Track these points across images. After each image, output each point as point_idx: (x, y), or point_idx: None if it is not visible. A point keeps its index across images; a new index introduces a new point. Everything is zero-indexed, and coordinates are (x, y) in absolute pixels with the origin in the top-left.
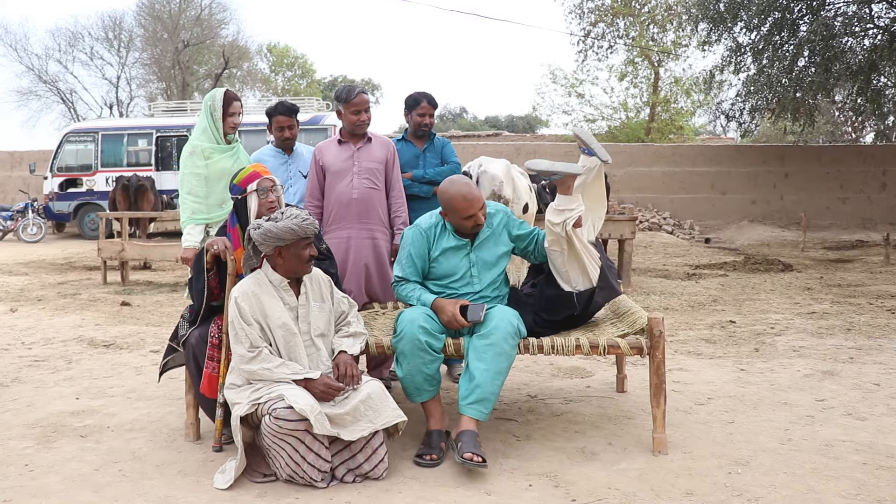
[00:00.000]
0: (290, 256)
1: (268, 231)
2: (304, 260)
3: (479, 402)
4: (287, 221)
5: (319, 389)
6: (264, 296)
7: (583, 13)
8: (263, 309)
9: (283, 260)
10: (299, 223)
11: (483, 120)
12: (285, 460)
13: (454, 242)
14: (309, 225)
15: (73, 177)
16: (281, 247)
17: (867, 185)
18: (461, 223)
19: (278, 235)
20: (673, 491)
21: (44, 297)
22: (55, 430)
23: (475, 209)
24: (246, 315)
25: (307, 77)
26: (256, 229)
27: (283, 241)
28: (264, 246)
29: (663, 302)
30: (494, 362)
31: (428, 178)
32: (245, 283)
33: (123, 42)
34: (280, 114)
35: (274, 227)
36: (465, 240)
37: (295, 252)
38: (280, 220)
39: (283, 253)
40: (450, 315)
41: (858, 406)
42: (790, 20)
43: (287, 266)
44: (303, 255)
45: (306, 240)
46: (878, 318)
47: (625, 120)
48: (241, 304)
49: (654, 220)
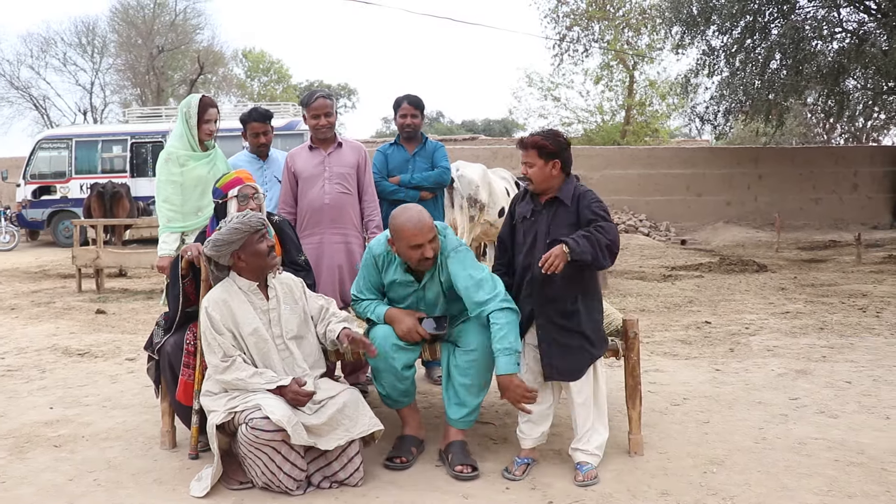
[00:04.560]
0: (249, 256)
1: (216, 241)
2: (265, 253)
3: (466, 416)
4: (230, 224)
5: (289, 396)
6: (234, 302)
7: (558, 17)
8: (234, 316)
9: (245, 262)
10: (241, 220)
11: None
12: (261, 469)
13: (401, 278)
14: (251, 218)
15: (46, 184)
16: (236, 251)
17: (839, 186)
18: (408, 252)
19: (228, 240)
20: (649, 491)
21: (17, 306)
22: (29, 441)
23: (424, 238)
24: (217, 325)
25: (283, 82)
26: (208, 246)
27: (235, 243)
28: (222, 257)
29: (639, 303)
30: (478, 377)
31: (415, 182)
32: (215, 291)
33: (97, 48)
34: (255, 120)
35: (221, 235)
36: (411, 278)
37: (252, 249)
38: (224, 226)
39: (242, 255)
40: (408, 327)
41: (831, 404)
42: (761, 23)
43: (251, 266)
44: (261, 250)
45: (257, 233)
46: (850, 317)
47: (600, 123)
48: (213, 313)
49: (630, 223)
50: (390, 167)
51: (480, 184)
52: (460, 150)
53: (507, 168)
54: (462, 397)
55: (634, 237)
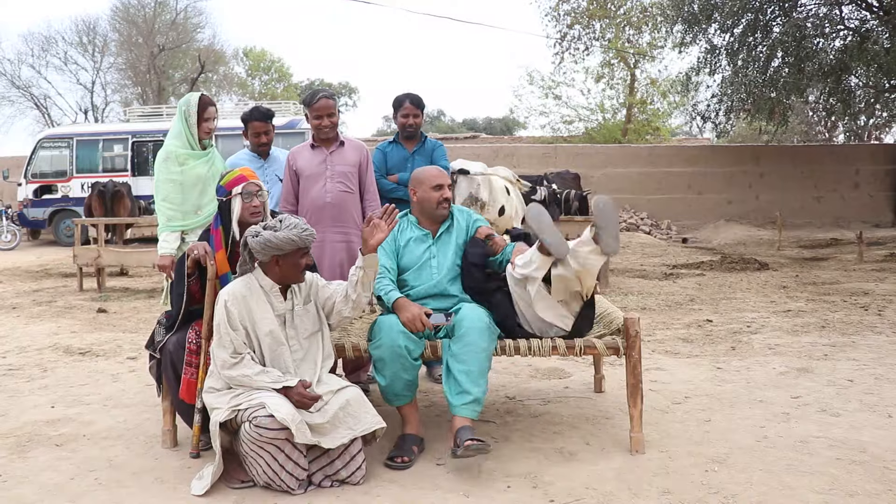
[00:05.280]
0: (287, 266)
1: (267, 241)
2: (301, 269)
3: (470, 403)
4: (287, 232)
5: (295, 398)
6: (253, 300)
7: (559, 15)
8: (252, 314)
9: (280, 269)
10: (299, 233)
11: (461, 122)
12: (263, 468)
13: (417, 233)
14: (308, 236)
15: (47, 183)
16: (278, 256)
17: (840, 184)
18: (430, 194)
19: (278, 245)
20: (650, 490)
21: (19, 305)
22: (30, 440)
23: (444, 181)
24: (234, 320)
25: (284, 81)
26: (255, 237)
27: (281, 250)
28: (262, 254)
29: (641, 302)
30: (476, 362)
31: None
32: (235, 285)
33: (98, 47)
34: (256, 120)
35: (273, 238)
36: (427, 231)
37: (292, 262)
38: (279, 230)
39: (281, 262)
40: (413, 314)
41: (832, 402)
42: (763, 21)
43: (282, 274)
44: (299, 265)
45: (304, 249)
46: (851, 316)
47: (601, 121)
48: (231, 307)
49: (631, 221)
50: (389, 165)
51: (481, 182)
52: (461, 148)
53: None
54: (463, 384)
55: (636, 235)
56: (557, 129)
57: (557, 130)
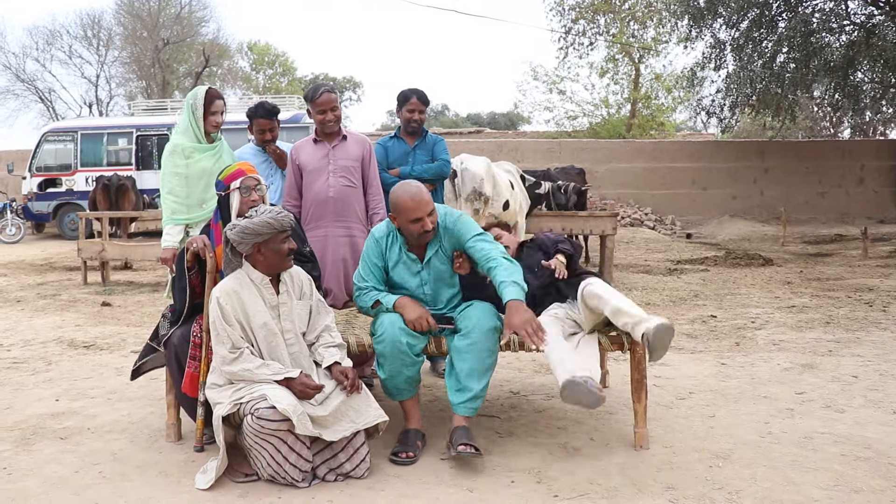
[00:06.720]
0: (269, 252)
1: (244, 228)
2: (284, 254)
3: (468, 401)
4: (262, 216)
5: (298, 389)
6: (245, 294)
7: (563, 10)
8: (245, 308)
9: (264, 256)
10: (274, 216)
11: (465, 117)
12: (267, 460)
13: (404, 257)
14: (284, 217)
15: (52, 176)
16: (259, 243)
17: (845, 180)
18: (408, 227)
19: (256, 231)
20: (654, 485)
21: (23, 298)
22: (34, 433)
23: (422, 213)
24: (228, 315)
25: (288, 75)
26: (232, 229)
27: (260, 236)
28: (243, 245)
29: (645, 297)
30: (478, 361)
31: (415, 174)
32: (226, 282)
33: (102, 40)
34: (261, 117)
35: (250, 224)
36: (415, 257)
37: (274, 247)
38: (255, 217)
39: (263, 249)
40: (418, 314)
41: (837, 398)
42: (769, 16)
43: (268, 262)
44: (282, 250)
45: (284, 233)
46: (856, 312)
47: (606, 116)
48: (223, 304)
49: (635, 216)
50: (390, 160)
51: (485, 177)
52: (465, 143)
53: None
54: (463, 381)
55: (640, 231)
56: (562, 125)
57: (562, 125)
